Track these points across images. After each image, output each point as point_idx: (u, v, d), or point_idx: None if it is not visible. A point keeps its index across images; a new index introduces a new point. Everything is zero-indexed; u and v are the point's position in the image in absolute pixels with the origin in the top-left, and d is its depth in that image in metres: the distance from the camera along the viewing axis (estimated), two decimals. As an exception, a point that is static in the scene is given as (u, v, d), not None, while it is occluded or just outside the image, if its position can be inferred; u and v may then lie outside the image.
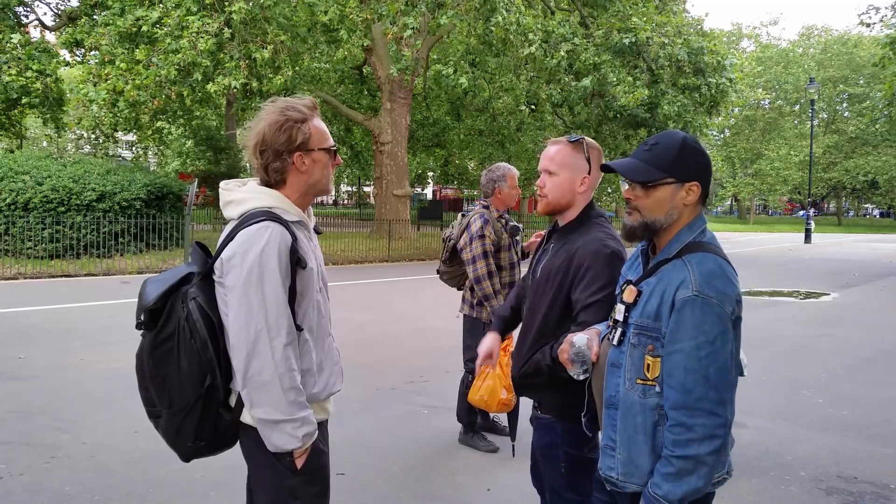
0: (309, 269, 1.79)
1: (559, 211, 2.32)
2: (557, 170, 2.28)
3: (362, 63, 20.36)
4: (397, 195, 19.73)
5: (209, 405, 1.76)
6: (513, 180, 4.06)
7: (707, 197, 1.76)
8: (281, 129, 1.77)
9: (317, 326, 1.86)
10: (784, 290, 12.13)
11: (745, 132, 47.52)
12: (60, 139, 27.59)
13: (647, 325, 1.68)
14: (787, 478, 3.79)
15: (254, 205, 1.78)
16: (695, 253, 1.67)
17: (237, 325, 1.70)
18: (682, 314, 1.60)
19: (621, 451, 1.73)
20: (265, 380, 1.69)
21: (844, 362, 6.64)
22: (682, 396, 1.60)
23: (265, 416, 1.71)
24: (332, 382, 1.91)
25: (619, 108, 17.81)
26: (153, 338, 1.75)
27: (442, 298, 4.60)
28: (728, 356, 1.61)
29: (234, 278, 1.70)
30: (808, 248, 25.24)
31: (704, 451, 1.57)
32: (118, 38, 13.58)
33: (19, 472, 3.61)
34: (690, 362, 1.58)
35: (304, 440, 1.76)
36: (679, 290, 1.62)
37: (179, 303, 1.75)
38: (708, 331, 1.58)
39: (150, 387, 1.78)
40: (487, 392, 3.68)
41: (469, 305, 4.08)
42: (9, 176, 12.83)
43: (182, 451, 1.85)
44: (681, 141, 1.72)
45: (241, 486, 1.88)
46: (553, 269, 2.22)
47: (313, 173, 1.85)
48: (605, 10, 17.06)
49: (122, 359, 6.01)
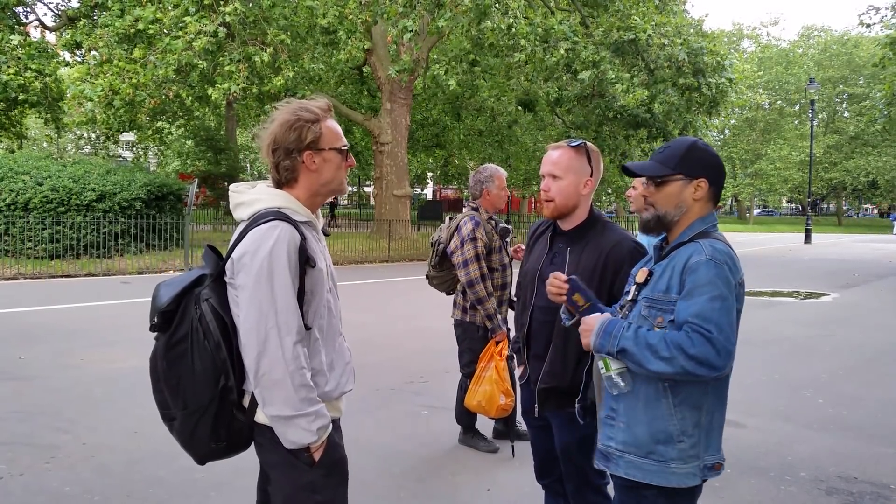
0: (318, 269, 1.80)
1: (566, 213, 2.38)
2: (563, 174, 2.34)
3: (362, 63, 20.35)
4: (397, 195, 19.73)
5: (223, 406, 1.77)
6: (501, 181, 4.01)
7: (719, 197, 1.90)
8: (291, 128, 1.80)
9: (327, 326, 1.87)
10: (784, 291, 12.15)
11: (746, 133, 47.52)
12: (61, 139, 27.61)
13: (657, 297, 1.80)
14: (787, 478, 3.78)
15: (263, 206, 1.80)
16: (707, 238, 1.82)
17: (247, 323, 1.71)
18: (696, 273, 1.72)
19: (623, 420, 1.82)
20: (276, 378, 1.70)
21: (844, 362, 6.64)
22: (702, 329, 1.67)
23: (278, 412, 1.72)
24: (343, 382, 1.93)
25: (619, 108, 17.81)
26: (167, 340, 1.76)
27: (441, 299, 4.59)
28: (735, 317, 1.72)
29: (245, 277, 1.71)
30: (808, 248, 25.25)
31: (689, 367, 1.66)
32: (117, 38, 13.58)
33: (19, 472, 3.61)
34: (704, 311, 1.68)
35: (320, 433, 1.77)
36: (692, 258, 1.76)
37: (192, 305, 1.76)
38: (721, 287, 1.71)
39: (164, 389, 1.79)
40: (485, 398, 3.67)
41: (461, 310, 4.00)
42: (9, 176, 12.83)
43: (197, 453, 1.85)
44: (690, 143, 1.90)
45: (241, 485, 1.89)
46: (581, 270, 2.28)
47: (324, 172, 1.86)
48: (605, 9, 17.06)
49: (122, 359, 6.02)
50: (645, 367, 1.72)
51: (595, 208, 2.44)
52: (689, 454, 1.77)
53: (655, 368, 1.70)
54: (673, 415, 1.77)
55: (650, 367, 1.70)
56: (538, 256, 2.48)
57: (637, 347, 1.72)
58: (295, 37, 14.25)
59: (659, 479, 1.77)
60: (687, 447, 1.77)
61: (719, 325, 1.67)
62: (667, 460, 1.77)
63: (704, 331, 1.66)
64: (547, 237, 2.49)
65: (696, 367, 1.66)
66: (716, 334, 1.65)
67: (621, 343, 1.75)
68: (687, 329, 1.69)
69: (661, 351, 1.68)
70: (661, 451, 1.77)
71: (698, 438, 1.78)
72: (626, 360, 1.76)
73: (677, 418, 1.76)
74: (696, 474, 1.79)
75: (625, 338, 1.74)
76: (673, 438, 1.77)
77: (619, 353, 1.75)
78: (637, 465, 1.79)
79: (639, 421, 1.79)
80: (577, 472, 2.37)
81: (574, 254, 2.35)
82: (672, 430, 1.77)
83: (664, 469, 1.77)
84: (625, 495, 1.87)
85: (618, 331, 1.77)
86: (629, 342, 1.73)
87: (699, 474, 1.79)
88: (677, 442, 1.77)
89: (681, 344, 1.66)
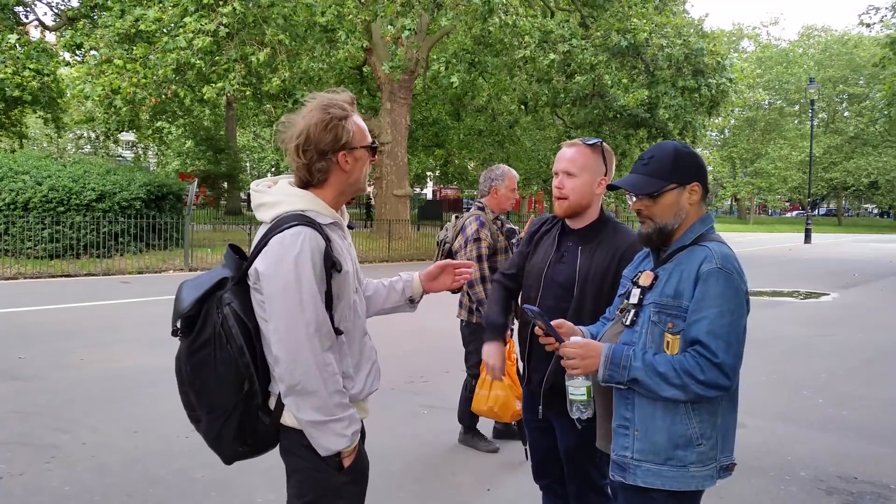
0: (345, 272, 1.77)
1: (579, 212, 2.36)
2: (578, 172, 2.32)
3: (362, 63, 20.34)
4: (397, 195, 19.72)
5: (248, 409, 1.76)
6: (511, 182, 4.00)
7: (707, 193, 1.91)
8: (327, 128, 1.74)
9: (353, 327, 1.85)
10: (784, 290, 12.15)
11: (746, 132, 47.51)
12: (61, 139, 27.60)
13: (667, 303, 1.80)
14: (787, 478, 3.78)
15: (286, 208, 1.75)
16: (711, 241, 1.84)
17: (277, 334, 1.68)
18: (707, 284, 1.74)
19: (638, 429, 1.81)
20: (311, 388, 1.68)
21: (845, 362, 6.64)
22: (708, 353, 1.71)
23: (313, 418, 1.71)
24: (370, 382, 1.91)
25: (619, 108, 17.80)
26: (189, 344, 1.74)
27: (441, 298, 4.58)
28: (743, 329, 1.75)
29: (272, 288, 1.68)
30: (808, 248, 25.25)
31: (700, 392, 1.71)
32: (117, 38, 13.58)
33: (19, 472, 3.61)
34: (715, 327, 1.71)
35: (353, 438, 1.76)
36: (703, 264, 1.77)
37: (214, 308, 1.73)
38: (731, 300, 1.73)
39: (189, 392, 1.78)
40: (498, 403, 3.60)
41: (467, 310, 4.00)
42: (9, 176, 12.82)
43: (224, 454, 1.84)
44: (674, 150, 1.89)
45: (241, 485, 1.89)
46: (594, 270, 2.28)
47: (354, 172, 1.82)
48: (604, 10, 17.06)
49: (122, 358, 6.02)
50: (658, 395, 1.75)
51: (605, 209, 2.43)
52: (708, 456, 1.78)
53: (669, 395, 1.73)
54: (692, 418, 1.77)
55: (664, 395, 1.74)
56: (544, 255, 2.44)
57: (648, 377, 1.74)
58: (294, 37, 14.23)
59: (679, 484, 1.78)
60: (706, 449, 1.78)
61: (728, 341, 1.70)
62: (686, 465, 1.77)
63: (712, 354, 1.69)
64: (554, 236, 2.45)
65: (707, 391, 1.71)
66: (722, 356, 1.69)
67: (632, 374, 1.75)
68: (694, 354, 1.72)
69: (672, 379, 1.71)
70: (680, 455, 1.77)
71: (716, 440, 1.80)
72: (639, 388, 1.77)
73: (696, 421, 1.77)
74: (714, 476, 1.80)
75: (634, 368, 1.75)
76: (692, 442, 1.77)
77: (631, 382, 1.77)
78: (655, 473, 1.79)
79: (657, 428, 1.78)
80: (579, 473, 2.36)
81: (585, 253, 2.33)
82: (691, 433, 1.77)
83: (684, 474, 1.78)
84: (632, 498, 1.86)
85: (625, 360, 1.77)
86: (640, 373, 1.75)
87: (716, 475, 1.80)
88: (696, 445, 1.77)
89: (690, 371, 1.70)
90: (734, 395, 1.83)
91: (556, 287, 2.36)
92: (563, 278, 2.34)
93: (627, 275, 2.00)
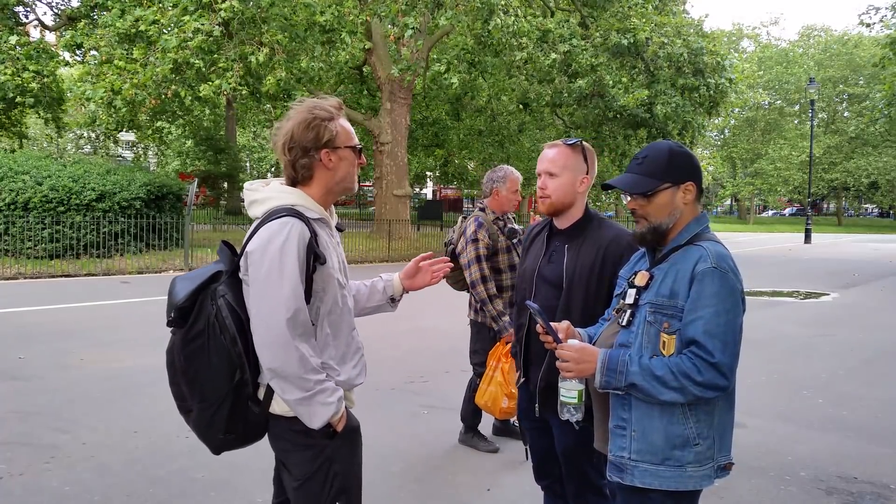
0: (328, 266, 1.84)
1: (562, 210, 2.43)
2: (560, 171, 2.39)
3: (362, 63, 20.35)
4: (397, 195, 19.72)
5: (239, 399, 1.82)
6: (513, 184, 3.99)
7: (702, 193, 1.92)
8: (309, 126, 1.84)
9: (340, 321, 1.92)
10: (784, 290, 12.14)
11: (746, 132, 47.49)
12: (61, 139, 27.60)
13: (662, 303, 1.80)
14: (787, 478, 3.78)
15: (277, 203, 1.84)
16: (706, 240, 1.84)
17: (258, 318, 1.76)
18: (702, 284, 1.74)
19: (636, 429, 1.81)
20: (289, 371, 1.75)
21: (844, 362, 6.64)
22: (705, 353, 1.72)
23: (297, 396, 1.77)
24: (354, 375, 1.97)
25: (618, 108, 17.80)
26: (184, 335, 1.80)
27: (442, 298, 4.59)
28: (739, 328, 1.75)
29: (255, 272, 1.76)
30: (808, 248, 25.25)
31: (699, 393, 1.72)
32: (117, 39, 13.58)
33: (19, 472, 3.61)
34: (711, 327, 1.71)
35: (339, 404, 1.83)
36: (698, 264, 1.77)
37: (209, 300, 1.80)
38: (726, 299, 1.73)
39: (182, 382, 1.84)
40: (490, 399, 3.71)
41: (475, 310, 4.03)
42: (9, 176, 12.82)
43: (213, 444, 1.90)
44: (668, 149, 1.89)
45: (241, 485, 1.88)
46: (580, 266, 2.33)
47: (339, 170, 1.91)
48: (604, 10, 17.05)
49: (122, 358, 6.02)
50: (657, 398, 1.75)
51: (590, 207, 2.49)
52: (705, 456, 1.79)
53: (668, 398, 1.74)
54: (689, 418, 1.78)
55: (662, 398, 1.74)
56: (535, 256, 2.51)
57: (646, 382, 1.74)
58: (294, 37, 14.23)
59: (676, 484, 1.78)
60: (703, 449, 1.78)
61: (724, 341, 1.71)
62: (683, 465, 1.78)
63: (708, 355, 1.70)
64: (543, 237, 2.52)
65: (705, 392, 1.72)
66: (719, 356, 1.69)
67: (629, 379, 1.76)
68: (690, 355, 1.72)
69: (670, 382, 1.72)
70: (677, 455, 1.78)
71: (713, 440, 1.80)
72: (637, 393, 1.78)
73: (693, 421, 1.78)
74: (711, 476, 1.80)
75: (631, 373, 1.76)
76: (689, 442, 1.77)
77: (629, 387, 1.77)
78: (653, 473, 1.79)
79: (654, 428, 1.79)
80: (577, 473, 2.38)
81: (572, 250, 2.39)
82: (689, 433, 1.77)
83: (681, 474, 1.78)
84: (630, 499, 1.86)
85: (622, 366, 1.77)
86: (637, 377, 1.75)
87: (713, 475, 1.81)
88: (693, 445, 1.77)
89: (687, 373, 1.71)
90: (731, 394, 1.84)
91: (547, 285, 2.43)
92: (553, 276, 2.41)
93: (623, 275, 2.01)
